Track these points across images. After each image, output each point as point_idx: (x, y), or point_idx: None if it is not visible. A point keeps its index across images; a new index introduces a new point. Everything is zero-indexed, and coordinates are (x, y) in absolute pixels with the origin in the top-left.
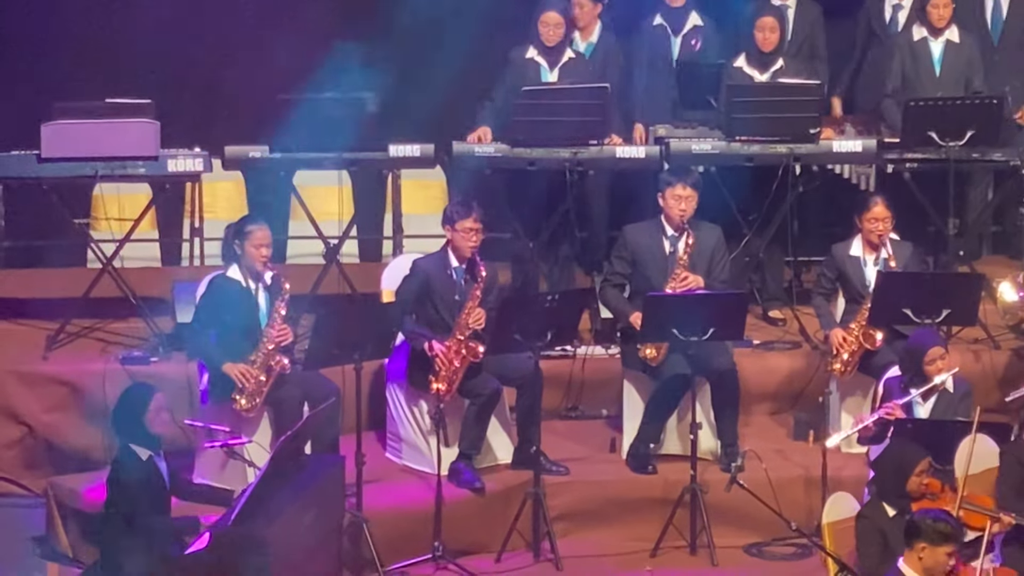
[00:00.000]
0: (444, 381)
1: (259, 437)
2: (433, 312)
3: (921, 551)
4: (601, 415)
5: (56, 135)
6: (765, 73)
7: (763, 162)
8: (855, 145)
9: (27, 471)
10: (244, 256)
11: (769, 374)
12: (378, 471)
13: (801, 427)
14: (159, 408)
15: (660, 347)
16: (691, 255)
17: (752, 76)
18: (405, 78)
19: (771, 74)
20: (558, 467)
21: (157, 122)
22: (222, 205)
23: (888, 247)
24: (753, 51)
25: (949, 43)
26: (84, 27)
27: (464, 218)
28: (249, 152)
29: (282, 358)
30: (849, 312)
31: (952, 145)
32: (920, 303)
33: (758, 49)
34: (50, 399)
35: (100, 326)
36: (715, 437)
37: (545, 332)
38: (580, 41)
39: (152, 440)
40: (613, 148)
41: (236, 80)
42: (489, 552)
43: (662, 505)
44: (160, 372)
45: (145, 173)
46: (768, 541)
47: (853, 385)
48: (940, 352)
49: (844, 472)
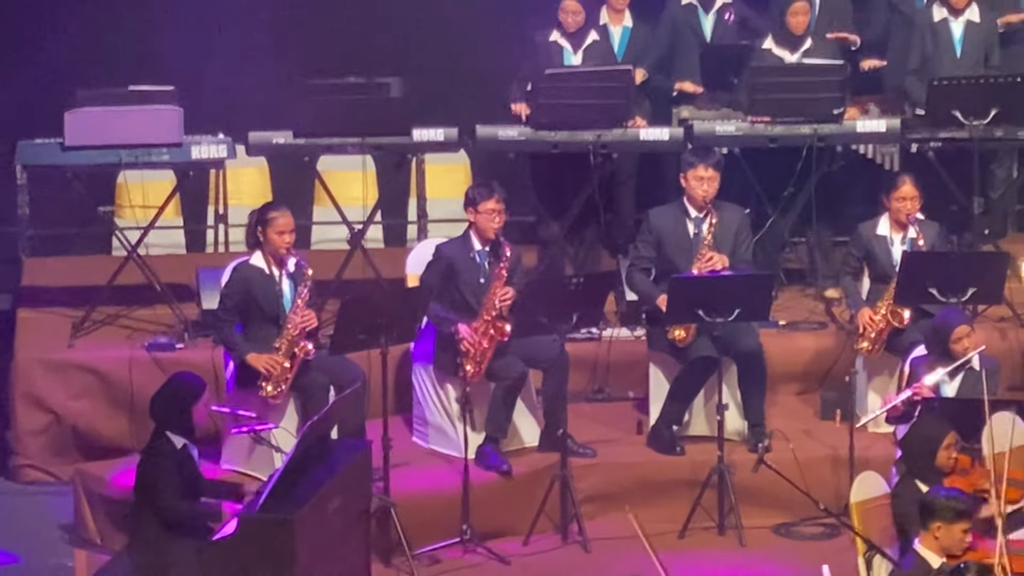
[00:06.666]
0: (473, 362)
1: (286, 423)
2: (458, 296)
3: (937, 530)
4: (627, 397)
5: (80, 122)
6: (795, 54)
7: (787, 143)
8: (879, 125)
9: (54, 458)
10: (267, 243)
11: (796, 354)
12: (405, 455)
13: (828, 407)
14: (207, 400)
15: (688, 328)
16: (715, 235)
17: (782, 58)
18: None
19: (800, 54)
20: (585, 449)
21: (180, 108)
22: (246, 191)
23: (916, 226)
24: (782, 32)
25: (969, 23)
26: (107, 13)
27: (486, 199)
28: (273, 138)
29: (306, 344)
30: (874, 292)
31: (976, 124)
32: (945, 282)
33: (788, 31)
34: (76, 386)
35: (125, 313)
36: (742, 418)
37: (571, 315)
38: (613, 26)
39: (190, 429)
40: (637, 131)
41: (259, 66)
42: (517, 535)
43: (690, 486)
44: (186, 358)
45: (169, 160)
46: (796, 521)
47: (879, 364)
48: (966, 330)
49: (871, 451)
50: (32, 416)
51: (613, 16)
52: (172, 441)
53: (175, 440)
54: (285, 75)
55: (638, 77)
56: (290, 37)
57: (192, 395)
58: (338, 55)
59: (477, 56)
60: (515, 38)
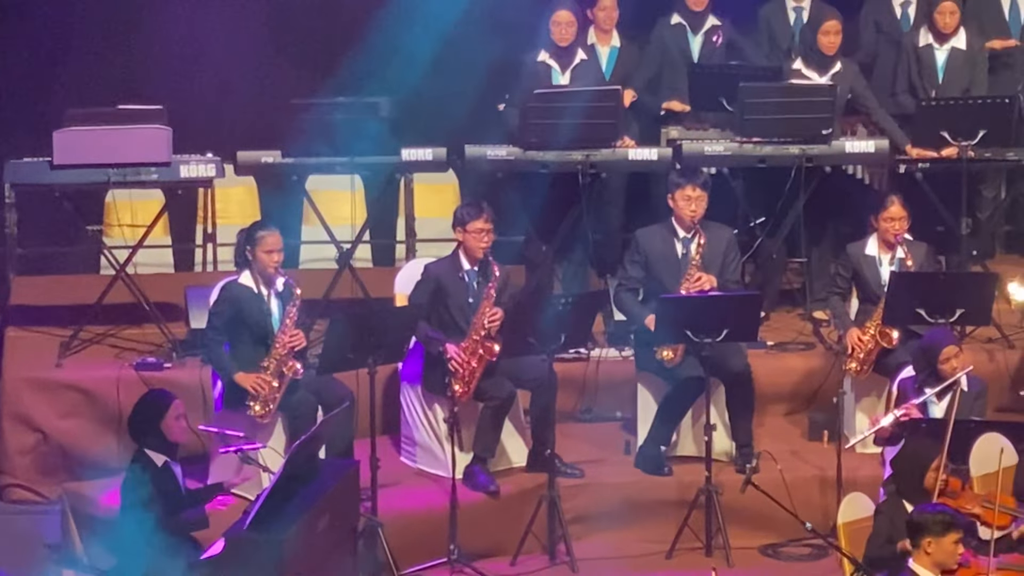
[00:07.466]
0: (461, 382)
1: (274, 442)
2: (446, 316)
3: (928, 546)
4: (615, 417)
5: (68, 141)
6: (825, 75)
7: (775, 163)
8: (867, 146)
9: (42, 477)
10: (255, 262)
11: (784, 375)
12: (393, 475)
13: (816, 427)
14: (177, 415)
15: (677, 349)
16: (703, 256)
17: (811, 77)
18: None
19: (830, 76)
20: (573, 469)
21: (169, 128)
22: (235, 210)
23: (904, 246)
24: (813, 53)
25: (954, 50)
26: (96, 34)
27: (475, 219)
28: (262, 157)
29: (295, 363)
30: (863, 312)
31: (965, 144)
32: (933, 303)
33: (819, 51)
34: (64, 406)
35: (114, 332)
36: (730, 438)
37: (559, 335)
38: (600, 46)
39: (168, 446)
40: (625, 150)
41: (248, 85)
42: (505, 555)
43: (677, 507)
44: (174, 378)
45: (157, 179)
46: (784, 542)
47: (867, 385)
48: (954, 351)
49: (859, 472)
50: (20, 435)
51: (601, 36)
52: (152, 458)
53: (155, 458)
54: (273, 94)
55: (628, 98)
56: (279, 57)
57: (157, 410)
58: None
59: (465, 76)
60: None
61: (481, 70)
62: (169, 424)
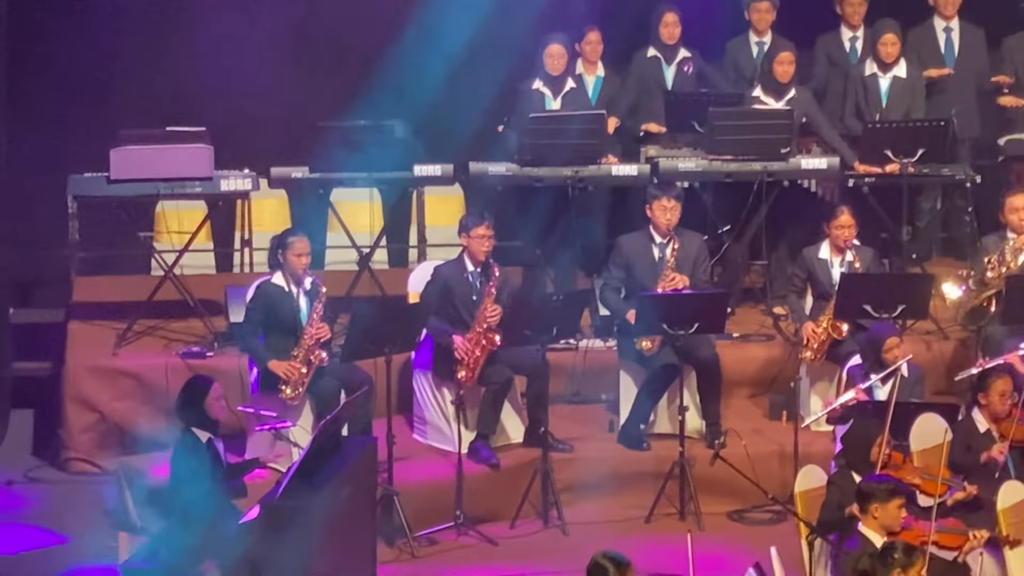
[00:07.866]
0: (467, 369)
1: (302, 422)
2: (453, 311)
3: (875, 511)
4: (601, 400)
5: (123, 159)
6: (780, 101)
7: (740, 178)
8: (820, 163)
9: (100, 452)
10: (286, 264)
11: (747, 362)
12: (407, 450)
13: (775, 408)
14: (217, 396)
15: (654, 340)
16: (677, 259)
17: (768, 103)
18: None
19: (786, 101)
20: (564, 445)
21: (211, 147)
22: (268, 219)
23: (853, 251)
24: (769, 81)
25: (896, 78)
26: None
27: (477, 226)
28: (292, 173)
29: (321, 352)
30: (817, 308)
31: (905, 162)
32: (878, 300)
33: (775, 80)
34: (119, 389)
35: (163, 325)
36: (700, 418)
37: (551, 328)
38: (587, 75)
39: (210, 424)
40: (609, 167)
41: (280, 109)
42: (504, 520)
43: (655, 478)
44: (215, 365)
45: (201, 192)
46: (748, 508)
47: (820, 371)
48: (896, 342)
49: (813, 448)
50: (81, 415)
51: (588, 67)
52: (197, 436)
53: (200, 435)
54: (303, 117)
55: (612, 125)
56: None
57: (200, 392)
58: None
59: (470, 101)
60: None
61: (484, 96)
62: (210, 404)
